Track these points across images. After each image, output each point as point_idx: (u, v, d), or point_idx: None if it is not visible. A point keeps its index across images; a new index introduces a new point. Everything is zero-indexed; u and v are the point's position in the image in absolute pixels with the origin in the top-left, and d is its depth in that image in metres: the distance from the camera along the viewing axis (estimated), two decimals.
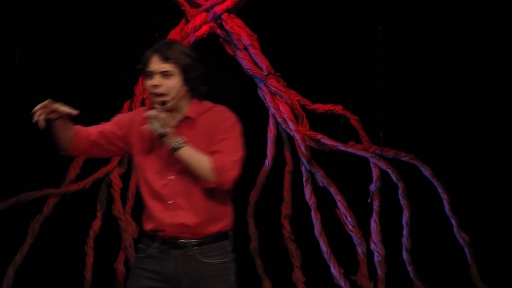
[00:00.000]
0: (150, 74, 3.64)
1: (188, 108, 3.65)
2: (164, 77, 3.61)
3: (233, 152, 3.63)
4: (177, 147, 3.52)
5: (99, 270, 5.90)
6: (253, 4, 5.97)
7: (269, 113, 5.99)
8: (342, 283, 5.94)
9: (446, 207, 5.99)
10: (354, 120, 6.03)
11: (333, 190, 5.98)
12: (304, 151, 5.94)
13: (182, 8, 6.00)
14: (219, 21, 5.96)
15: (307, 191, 5.96)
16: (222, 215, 3.67)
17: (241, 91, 6.04)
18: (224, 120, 3.69)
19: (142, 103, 5.95)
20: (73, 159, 5.93)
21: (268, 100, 5.94)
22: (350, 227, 5.97)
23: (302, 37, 6.02)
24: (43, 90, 5.89)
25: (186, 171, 3.57)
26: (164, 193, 3.58)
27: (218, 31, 5.97)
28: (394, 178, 6.00)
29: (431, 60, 6.10)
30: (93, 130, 3.77)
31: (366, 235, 6.00)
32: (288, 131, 5.97)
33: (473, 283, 5.98)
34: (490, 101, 6.07)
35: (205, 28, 5.95)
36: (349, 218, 5.96)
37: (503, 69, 6.06)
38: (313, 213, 5.98)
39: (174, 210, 3.56)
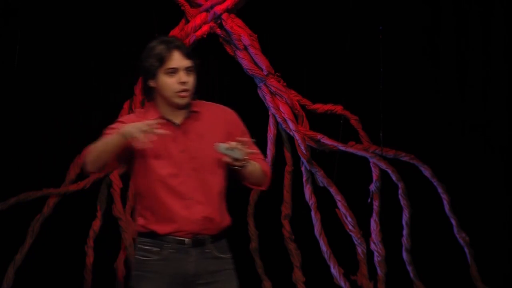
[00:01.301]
0: (173, 71, 3.58)
1: (191, 104, 3.63)
2: (187, 74, 3.56)
3: (259, 150, 3.69)
4: (247, 164, 3.51)
5: (99, 270, 5.90)
6: (253, 4, 5.97)
7: (269, 113, 5.99)
8: (342, 283, 5.94)
9: (446, 207, 5.99)
10: (354, 120, 6.03)
11: (333, 190, 5.98)
12: (304, 151, 5.94)
13: (182, 8, 5.99)
14: (219, 21, 5.96)
15: (307, 191, 5.97)
16: (226, 210, 3.69)
17: (241, 91, 6.04)
18: (234, 116, 3.69)
19: (142, 103, 5.96)
20: (73, 159, 5.93)
21: (268, 100, 5.94)
22: (350, 227, 5.97)
23: (302, 37, 6.02)
24: (43, 90, 5.91)
25: (199, 168, 3.55)
26: (181, 190, 3.54)
27: (218, 31, 5.97)
28: (394, 178, 6.00)
29: (431, 60, 6.10)
30: None
31: (366, 235, 6.00)
32: (288, 131, 5.97)
33: (473, 283, 5.98)
34: (491, 101, 6.08)
35: (205, 28, 5.95)
36: (349, 218, 5.96)
37: (503, 69, 6.06)
38: (313, 213, 5.98)
39: (195, 206, 3.54)
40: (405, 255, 5.99)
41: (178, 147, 3.55)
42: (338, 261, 5.96)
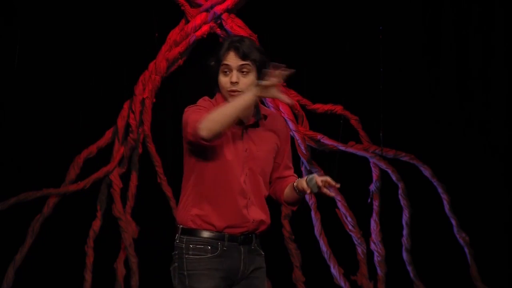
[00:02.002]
0: (227, 70, 3.60)
1: (259, 105, 3.64)
2: (242, 74, 3.58)
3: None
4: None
5: (99, 270, 5.90)
6: (253, 4, 5.97)
7: None
8: (342, 283, 5.94)
9: (446, 207, 5.99)
10: (354, 120, 6.03)
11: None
12: (304, 151, 5.94)
13: (182, 8, 6.00)
14: (219, 21, 5.96)
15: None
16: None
17: None
18: (287, 131, 3.77)
19: (142, 103, 5.96)
20: (73, 159, 5.94)
21: (268, 100, 5.94)
22: (350, 227, 5.98)
23: (302, 37, 6.02)
24: (43, 90, 5.91)
25: (255, 170, 3.59)
26: (244, 189, 3.57)
27: (218, 31, 5.97)
28: (394, 178, 6.00)
29: (431, 60, 6.10)
30: None
31: (366, 235, 6.00)
32: None
33: (473, 283, 5.98)
34: (491, 101, 6.08)
35: (205, 28, 5.95)
36: (349, 218, 5.97)
37: (503, 69, 6.06)
38: (313, 213, 5.98)
39: (252, 206, 3.58)
40: (405, 255, 5.99)
41: (243, 146, 3.57)
42: (338, 261, 5.96)
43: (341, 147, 5.99)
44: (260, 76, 3.58)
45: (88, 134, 5.95)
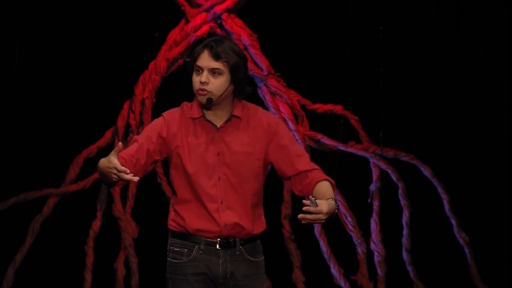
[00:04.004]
0: (199, 70, 3.57)
1: (233, 107, 3.60)
2: (212, 75, 3.56)
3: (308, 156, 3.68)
4: (337, 205, 3.48)
5: (99, 270, 5.90)
6: (253, 4, 5.97)
7: None
8: (342, 283, 5.94)
9: (446, 207, 5.99)
10: (354, 120, 6.03)
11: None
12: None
13: (182, 8, 5.99)
14: (219, 21, 5.96)
15: None
16: (261, 214, 3.68)
17: None
18: (277, 127, 3.62)
19: (142, 103, 5.96)
20: (73, 159, 5.94)
21: (268, 100, 5.94)
22: (350, 227, 5.97)
23: (302, 37, 6.02)
24: (43, 90, 5.91)
25: (232, 174, 3.56)
26: (212, 193, 3.54)
27: (218, 31, 5.97)
28: (394, 178, 6.00)
29: (431, 59, 6.10)
30: (137, 155, 3.54)
31: (366, 235, 6.00)
32: None
33: (473, 283, 5.98)
34: (491, 101, 6.07)
35: (205, 28, 5.95)
36: (349, 218, 5.96)
37: (504, 69, 6.06)
38: None
39: (225, 211, 3.53)
40: (405, 255, 5.99)
41: (215, 150, 3.54)
42: (338, 261, 5.96)
43: (341, 147, 5.99)
44: (233, 79, 3.53)
45: (88, 134, 5.95)
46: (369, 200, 6.01)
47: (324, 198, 3.43)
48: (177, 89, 6.08)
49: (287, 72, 6.01)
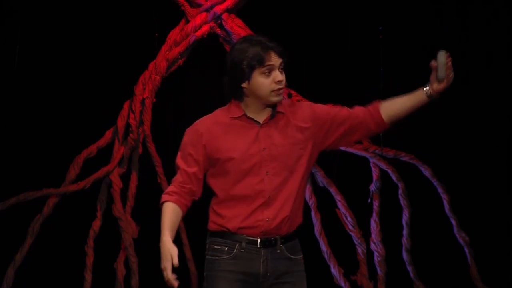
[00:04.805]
0: (269, 71, 3.57)
1: (274, 107, 3.63)
2: (281, 72, 3.60)
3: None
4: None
5: (99, 270, 5.90)
6: (253, 4, 5.97)
7: None
8: (342, 283, 5.94)
9: (446, 207, 6.00)
10: None
11: (333, 190, 5.98)
12: None
13: (182, 8, 6.00)
14: (219, 21, 5.96)
15: (307, 191, 5.97)
16: (301, 212, 3.70)
17: None
18: (310, 109, 3.69)
19: (142, 103, 5.96)
20: (73, 159, 5.94)
21: None
22: (350, 227, 5.98)
23: (302, 37, 6.02)
24: (43, 90, 5.91)
25: (278, 168, 3.56)
26: (261, 188, 3.55)
27: (218, 31, 5.97)
28: (394, 178, 6.00)
29: (431, 59, 6.09)
30: (192, 183, 3.62)
31: (366, 235, 6.00)
32: None
33: (473, 283, 5.98)
34: (491, 101, 6.08)
35: (205, 28, 5.95)
36: (349, 218, 5.97)
37: (504, 68, 6.06)
38: (313, 213, 5.98)
39: (272, 205, 3.54)
40: (405, 255, 5.99)
41: (260, 146, 3.55)
42: (338, 261, 5.96)
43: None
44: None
45: (88, 134, 5.95)
46: (369, 200, 6.01)
47: (401, 100, 3.97)
48: (177, 89, 6.09)
49: (287, 72, 6.00)
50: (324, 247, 5.95)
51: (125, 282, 5.89)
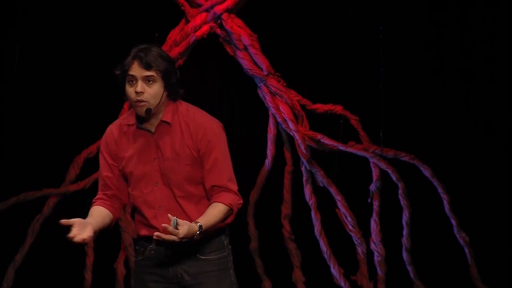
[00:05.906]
0: (132, 80, 3.59)
1: (164, 111, 3.61)
2: (147, 84, 3.57)
3: (227, 171, 3.60)
4: (200, 231, 3.43)
5: (99, 270, 5.90)
6: (253, 4, 5.97)
7: (269, 113, 5.99)
8: (342, 283, 5.94)
9: (446, 207, 5.99)
10: (354, 120, 6.03)
11: (333, 190, 5.98)
12: (304, 151, 5.94)
13: (182, 8, 6.00)
14: (219, 21, 5.96)
15: (307, 191, 5.97)
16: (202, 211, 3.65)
17: (241, 91, 6.04)
18: (204, 134, 3.59)
19: None
20: (73, 159, 5.94)
21: (268, 100, 5.94)
22: (350, 227, 5.98)
23: (302, 37, 6.02)
24: (43, 90, 5.91)
25: (169, 178, 3.56)
26: (150, 200, 3.57)
27: (218, 31, 5.97)
28: (394, 178, 6.00)
29: (431, 59, 6.10)
30: (115, 188, 3.74)
31: (366, 235, 6.00)
32: (288, 131, 5.97)
33: (473, 283, 5.98)
34: (492, 100, 6.07)
35: (205, 28, 5.95)
36: (349, 218, 5.97)
37: (505, 68, 6.06)
38: (313, 213, 5.98)
39: (164, 215, 3.50)
40: (405, 255, 5.99)
41: (151, 155, 3.56)
42: (338, 261, 5.96)
43: (341, 147, 5.99)
44: (166, 85, 3.57)
45: (88, 134, 5.95)
46: (369, 200, 6.01)
47: (202, 218, 3.43)
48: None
49: (287, 72, 6.01)
50: (324, 247, 5.95)
51: (125, 282, 5.89)
